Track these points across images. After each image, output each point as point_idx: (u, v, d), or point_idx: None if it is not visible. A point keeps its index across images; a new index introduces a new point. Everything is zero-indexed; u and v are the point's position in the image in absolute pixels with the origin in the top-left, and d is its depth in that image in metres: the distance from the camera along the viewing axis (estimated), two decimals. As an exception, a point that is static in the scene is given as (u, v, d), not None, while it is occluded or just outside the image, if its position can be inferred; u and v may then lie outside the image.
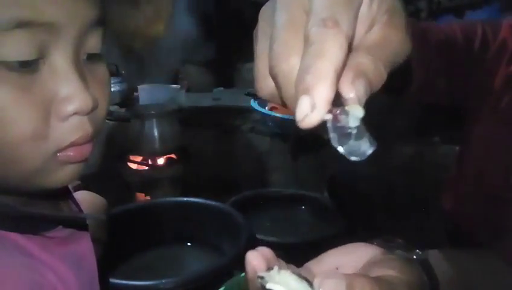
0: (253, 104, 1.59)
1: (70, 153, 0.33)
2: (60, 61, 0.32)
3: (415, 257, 0.37)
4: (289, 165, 1.53)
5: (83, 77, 0.33)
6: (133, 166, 1.36)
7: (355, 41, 0.24)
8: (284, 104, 0.25)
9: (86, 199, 0.64)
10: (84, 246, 0.41)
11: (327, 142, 0.24)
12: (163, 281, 0.76)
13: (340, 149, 0.23)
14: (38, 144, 0.31)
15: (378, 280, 0.30)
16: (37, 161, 0.32)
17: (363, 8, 0.24)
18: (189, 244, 1.08)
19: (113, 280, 0.75)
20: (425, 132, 1.38)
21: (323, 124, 0.22)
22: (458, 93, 0.71)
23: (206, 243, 1.07)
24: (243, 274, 0.45)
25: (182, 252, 1.07)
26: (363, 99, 0.23)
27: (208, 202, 1.08)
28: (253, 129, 1.61)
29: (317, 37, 0.22)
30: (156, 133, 1.33)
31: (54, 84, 0.32)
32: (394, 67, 0.25)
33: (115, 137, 1.69)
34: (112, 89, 1.86)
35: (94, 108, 0.33)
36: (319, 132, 0.23)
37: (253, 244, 0.90)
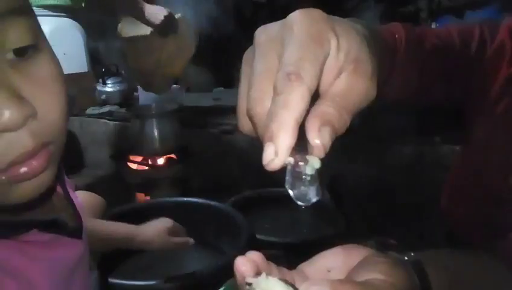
0: (253, 104, 1.58)
1: (20, 170, 0.29)
2: None
3: (406, 258, 0.37)
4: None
5: (6, 83, 0.28)
6: (133, 166, 1.36)
7: (324, 87, 0.27)
8: (260, 140, 0.27)
9: (84, 198, 0.63)
10: (69, 252, 0.39)
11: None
12: (165, 280, 0.76)
13: (290, 192, 0.27)
14: None
15: (363, 284, 0.30)
16: None
17: (331, 58, 0.27)
18: (189, 244, 1.09)
19: (113, 280, 0.75)
20: (425, 132, 1.38)
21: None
22: (457, 96, 0.71)
23: (206, 243, 1.07)
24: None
25: (182, 252, 1.07)
26: (328, 145, 0.26)
27: (208, 202, 1.08)
28: (253, 129, 1.61)
29: (283, 88, 0.25)
30: (156, 133, 1.32)
31: None
32: (358, 111, 0.28)
33: (115, 137, 1.69)
34: (112, 89, 1.88)
35: (29, 116, 0.28)
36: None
37: (253, 244, 0.90)
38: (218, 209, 1.06)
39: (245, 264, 0.31)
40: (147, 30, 1.22)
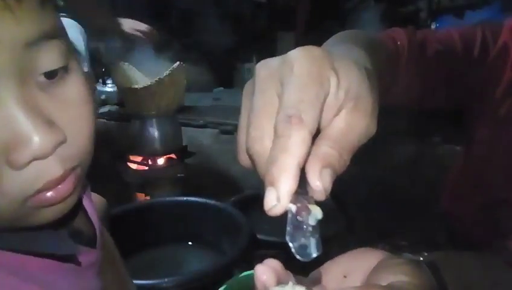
0: (253, 104, 1.58)
1: (47, 195, 0.28)
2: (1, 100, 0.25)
3: (421, 259, 0.37)
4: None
5: (36, 108, 0.27)
6: (133, 166, 1.36)
7: (325, 124, 0.27)
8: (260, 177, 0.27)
9: None
10: (87, 260, 0.38)
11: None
12: (166, 279, 0.76)
13: (291, 245, 0.25)
14: None
15: (391, 287, 0.29)
16: (6, 212, 0.28)
17: (331, 96, 0.26)
18: (189, 243, 1.08)
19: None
20: (425, 132, 1.38)
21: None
22: (459, 98, 0.71)
23: (206, 243, 1.07)
24: (243, 274, 0.45)
25: (182, 252, 1.07)
26: (329, 188, 0.26)
27: (208, 201, 1.08)
28: (253, 129, 1.61)
29: (283, 131, 0.24)
30: (156, 133, 1.32)
31: None
32: (358, 148, 0.28)
33: (115, 137, 1.69)
34: (112, 89, 1.87)
35: (60, 143, 0.28)
36: None
37: (253, 244, 0.90)
38: (218, 208, 1.06)
39: (266, 272, 0.29)
40: (147, 80, 1.24)
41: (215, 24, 2.31)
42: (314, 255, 0.25)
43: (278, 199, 0.24)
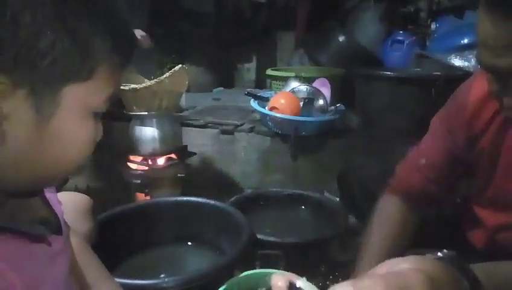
0: (253, 104, 1.59)
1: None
2: None
3: (440, 254, 0.36)
4: (289, 165, 1.53)
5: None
6: (133, 166, 1.36)
7: None
8: None
9: (69, 199, 0.66)
10: (57, 247, 0.43)
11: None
12: (166, 279, 0.76)
13: None
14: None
15: (385, 275, 0.30)
16: (77, 162, 0.41)
17: None
18: (189, 243, 1.09)
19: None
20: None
21: None
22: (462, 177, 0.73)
23: (206, 243, 1.07)
24: (243, 274, 0.45)
25: (182, 252, 1.07)
26: None
27: (208, 201, 1.09)
28: (253, 129, 1.62)
29: None
30: (156, 133, 1.32)
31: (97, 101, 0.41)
32: None
33: (115, 137, 1.69)
34: (112, 89, 1.88)
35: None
36: None
37: (253, 244, 0.90)
38: (218, 208, 1.06)
39: (282, 280, 0.36)
40: (148, 81, 1.24)
41: (215, 24, 2.31)
42: None
43: None
